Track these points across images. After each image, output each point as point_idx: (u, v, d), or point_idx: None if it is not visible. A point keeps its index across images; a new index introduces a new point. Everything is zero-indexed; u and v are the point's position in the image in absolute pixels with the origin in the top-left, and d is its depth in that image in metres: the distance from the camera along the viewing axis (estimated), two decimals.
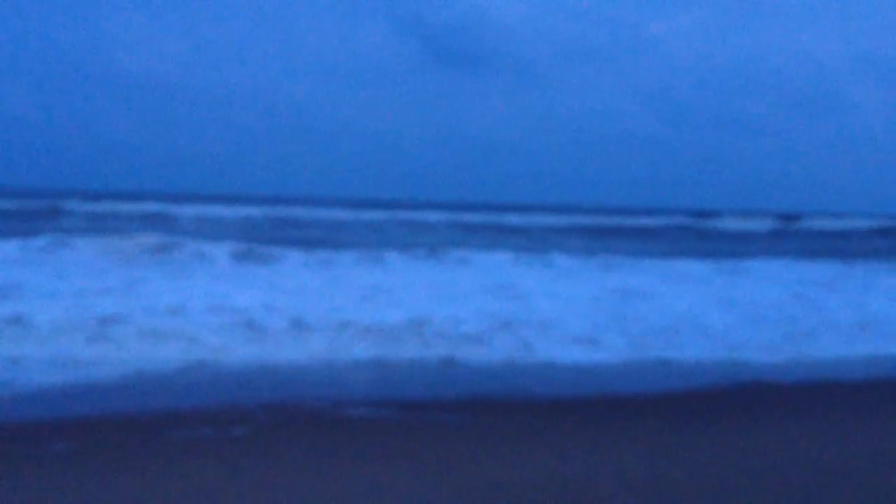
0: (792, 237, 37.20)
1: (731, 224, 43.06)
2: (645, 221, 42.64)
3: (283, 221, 33.81)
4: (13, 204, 34.17)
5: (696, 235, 36.41)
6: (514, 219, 40.16)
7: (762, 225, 42.68)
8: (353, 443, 5.11)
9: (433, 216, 39.27)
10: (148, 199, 45.06)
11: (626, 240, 31.42)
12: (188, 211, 34.93)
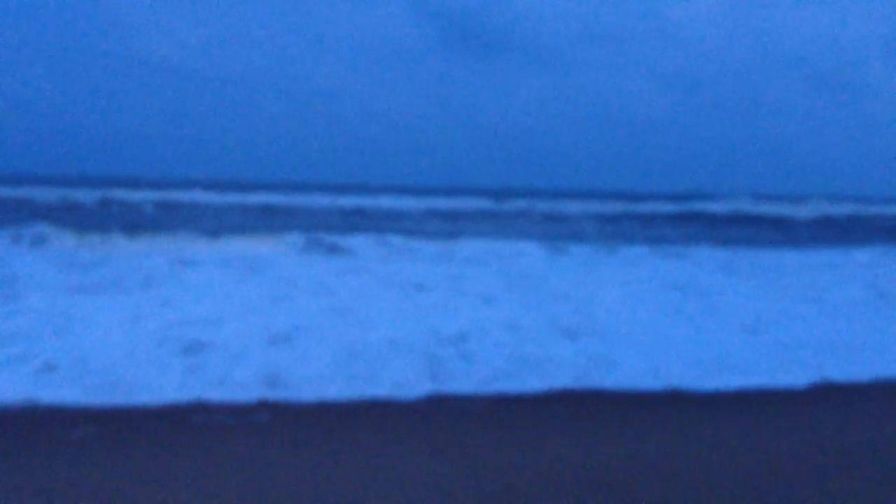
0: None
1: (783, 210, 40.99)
2: (702, 207, 41.01)
3: (298, 210, 32.67)
4: (25, 192, 33.41)
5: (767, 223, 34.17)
6: (546, 206, 38.76)
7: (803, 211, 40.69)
8: (377, 429, 5.02)
9: (460, 203, 38.14)
10: (161, 187, 44.22)
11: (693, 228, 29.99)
12: (201, 198, 33.99)
